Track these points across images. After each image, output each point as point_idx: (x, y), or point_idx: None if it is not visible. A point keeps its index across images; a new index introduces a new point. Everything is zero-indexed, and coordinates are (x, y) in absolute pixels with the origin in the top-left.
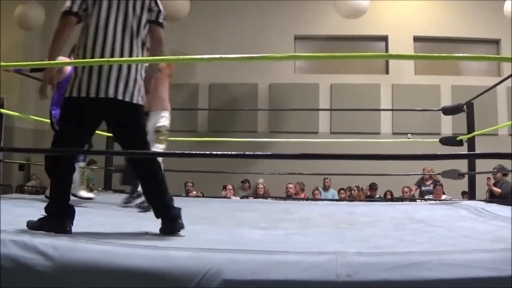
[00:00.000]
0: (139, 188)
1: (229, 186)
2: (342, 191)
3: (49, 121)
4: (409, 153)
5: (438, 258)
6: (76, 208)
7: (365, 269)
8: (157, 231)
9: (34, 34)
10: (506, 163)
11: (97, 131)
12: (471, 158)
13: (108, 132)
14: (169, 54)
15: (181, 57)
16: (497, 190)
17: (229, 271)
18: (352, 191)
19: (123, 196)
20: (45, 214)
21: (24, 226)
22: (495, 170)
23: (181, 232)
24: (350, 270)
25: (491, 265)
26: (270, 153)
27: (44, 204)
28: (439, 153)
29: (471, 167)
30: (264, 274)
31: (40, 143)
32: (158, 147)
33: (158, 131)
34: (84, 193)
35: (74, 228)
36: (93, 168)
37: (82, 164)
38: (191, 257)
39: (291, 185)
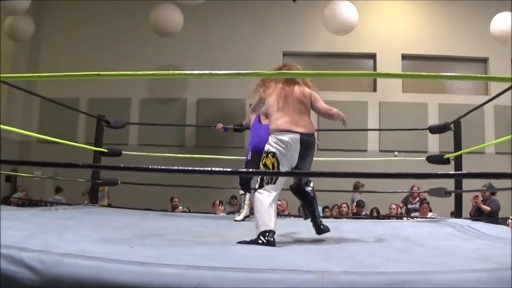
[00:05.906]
0: None
1: (216, 202)
2: (326, 210)
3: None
4: (396, 170)
5: (424, 278)
6: (60, 222)
7: None
8: (143, 245)
9: (23, 45)
10: (494, 181)
11: (85, 145)
12: (459, 177)
13: None
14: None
15: (171, 72)
16: (486, 208)
17: None
18: (340, 208)
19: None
20: None
21: (11, 239)
22: (484, 188)
23: (167, 247)
24: None
25: (476, 285)
26: (259, 170)
27: (32, 216)
28: (427, 172)
29: (458, 185)
30: None
31: (26, 154)
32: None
33: None
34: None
35: (59, 242)
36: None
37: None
38: (178, 274)
39: (279, 202)
